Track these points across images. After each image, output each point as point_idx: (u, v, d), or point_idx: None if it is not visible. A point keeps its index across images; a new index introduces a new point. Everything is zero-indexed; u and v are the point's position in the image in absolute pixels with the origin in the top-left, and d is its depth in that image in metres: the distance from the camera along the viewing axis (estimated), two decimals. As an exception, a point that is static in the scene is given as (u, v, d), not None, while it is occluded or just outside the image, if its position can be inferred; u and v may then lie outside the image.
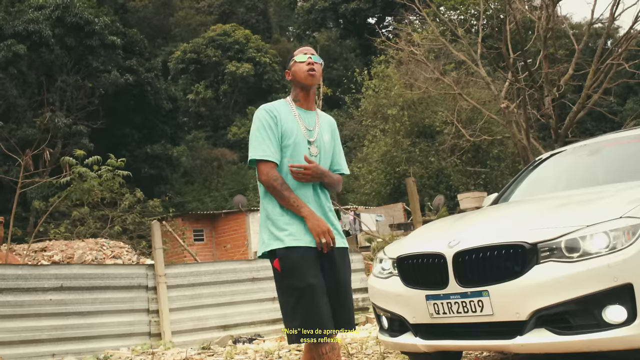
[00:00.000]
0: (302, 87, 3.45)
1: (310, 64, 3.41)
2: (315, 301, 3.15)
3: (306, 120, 3.42)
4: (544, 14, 17.67)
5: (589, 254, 3.38)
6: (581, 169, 5.38)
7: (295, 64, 3.45)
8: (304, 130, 3.37)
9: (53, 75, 28.63)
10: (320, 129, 3.46)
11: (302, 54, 3.47)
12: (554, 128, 17.46)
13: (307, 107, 3.47)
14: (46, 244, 16.68)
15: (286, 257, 3.23)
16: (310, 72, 3.40)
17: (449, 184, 29.44)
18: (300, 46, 3.67)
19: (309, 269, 3.19)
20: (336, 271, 3.33)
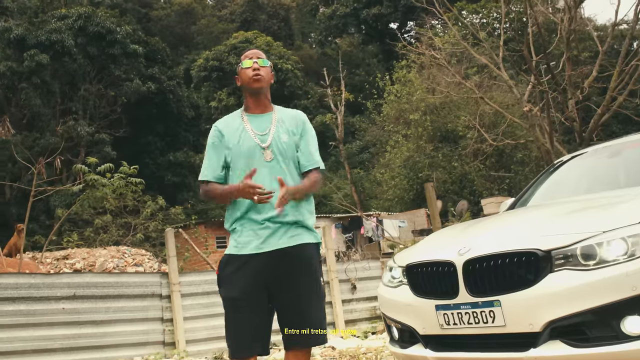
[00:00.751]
0: (250, 93, 3.38)
1: (256, 69, 3.33)
2: (236, 318, 3.09)
3: (258, 126, 3.32)
4: (567, 16, 17.37)
5: (606, 261, 3.19)
6: (602, 172, 5.17)
7: (241, 70, 3.38)
8: (254, 137, 3.27)
9: (76, 84, 28.90)
10: (276, 130, 3.33)
11: (248, 58, 3.39)
12: (579, 131, 17.14)
13: (261, 111, 3.39)
14: (68, 251, 16.75)
15: (224, 265, 3.19)
16: (255, 77, 3.32)
17: (472, 189, 29.13)
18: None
19: (238, 281, 3.09)
20: (291, 282, 3.17)
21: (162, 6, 48.87)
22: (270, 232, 3.17)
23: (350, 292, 9.54)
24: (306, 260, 3.24)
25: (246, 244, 3.15)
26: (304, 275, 3.22)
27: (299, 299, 3.17)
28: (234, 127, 3.33)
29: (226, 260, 3.21)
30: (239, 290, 3.10)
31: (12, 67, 25.46)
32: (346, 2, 47.89)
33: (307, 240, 3.26)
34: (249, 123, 3.33)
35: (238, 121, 3.36)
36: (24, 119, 25.66)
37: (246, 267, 3.12)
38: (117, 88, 29.42)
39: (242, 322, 3.10)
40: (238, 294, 3.11)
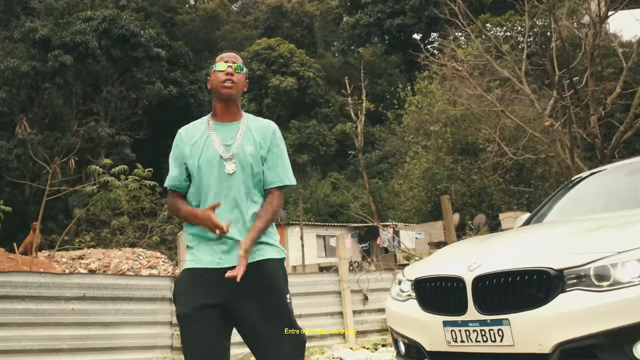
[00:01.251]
0: (219, 98, 3.13)
1: (229, 74, 3.10)
2: (189, 335, 2.88)
3: (224, 135, 3.09)
4: (592, 31, 17.19)
5: (620, 283, 3.09)
6: (620, 190, 5.04)
7: (213, 73, 3.14)
8: (218, 147, 3.05)
9: (98, 85, 29.15)
10: (242, 140, 3.09)
11: (223, 61, 3.15)
12: (600, 148, 16.90)
13: (229, 119, 3.14)
14: (84, 251, 16.84)
15: (179, 281, 3.01)
16: (226, 83, 3.09)
17: (491, 202, 28.91)
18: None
19: (193, 296, 2.89)
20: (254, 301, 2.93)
21: (187, 11, 49.20)
22: (228, 248, 2.96)
23: (361, 303, 9.44)
24: (268, 277, 2.99)
25: (203, 259, 2.97)
26: (268, 294, 2.97)
27: (264, 318, 2.93)
28: (198, 134, 3.12)
29: (182, 275, 3.02)
30: (191, 306, 2.88)
31: (36, 67, 25.71)
32: (370, 11, 47.88)
33: (269, 255, 3.04)
34: (214, 131, 3.10)
35: (203, 128, 3.14)
36: (46, 119, 25.87)
37: (202, 283, 2.92)
38: (139, 91, 29.63)
39: (194, 342, 2.87)
40: (190, 310, 2.88)
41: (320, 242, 31.14)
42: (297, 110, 41.31)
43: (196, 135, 3.11)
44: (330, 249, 30.79)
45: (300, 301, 8.87)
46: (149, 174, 9.81)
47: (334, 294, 9.23)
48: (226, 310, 2.93)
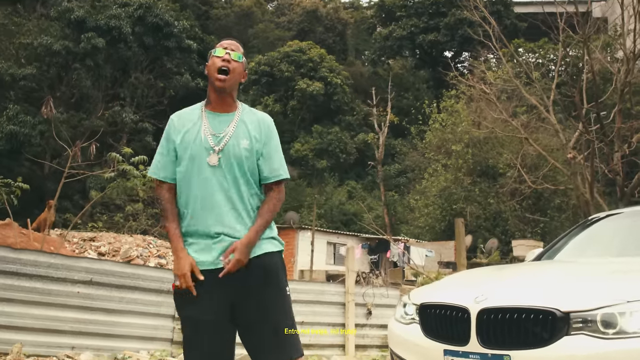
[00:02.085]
0: (213, 88, 3.01)
1: (226, 61, 2.98)
2: (198, 341, 2.83)
3: (215, 126, 2.97)
4: (624, 67, 17.07)
5: (625, 332, 3.06)
6: (636, 236, 4.99)
7: (211, 58, 3.01)
8: (208, 137, 2.93)
9: (127, 71, 29.38)
10: (235, 133, 2.97)
11: (222, 47, 3.02)
12: (621, 186, 16.77)
13: (222, 110, 3.02)
14: (96, 234, 16.94)
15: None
16: (220, 73, 2.96)
17: (505, 228, 28.73)
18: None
19: (201, 298, 2.81)
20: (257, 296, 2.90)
21: (222, 6, 49.48)
22: (227, 246, 2.89)
23: (365, 317, 9.43)
24: (269, 271, 2.95)
25: (201, 259, 2.87)
26: (269, 287, 2.94)
27: (266, 313, 2.90)
28: (189, 121, 3.01)
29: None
30: (201, 309, 2.83)
31: (69, 47, 25.98)
32: (404, 25, 47.88)
33: (268, 249, 2.97)
34: (206, 120, 2.99)
35: (196, 116, 3.03)
36: (72, 98, 26.14)
37: (207, 284, 2.84)
38: (167, 80, 29.82)
39: (204, 346, 2.85)
40: (200, 313, 2.83)
41: (330, 249, 31.12)
42: (321, 116, 41.35)
43: (188, 122, 3.00)
44: (339, 257, 30.76)
45: (304, 309, 8.87)
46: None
47: (339, 305, 9.22)
48: (232, 308, 2.89)
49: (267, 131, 3.08)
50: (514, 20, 46.02)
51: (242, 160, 2.95)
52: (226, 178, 2.92)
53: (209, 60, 3.03)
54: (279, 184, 3.06)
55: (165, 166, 3.00)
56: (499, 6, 44.29)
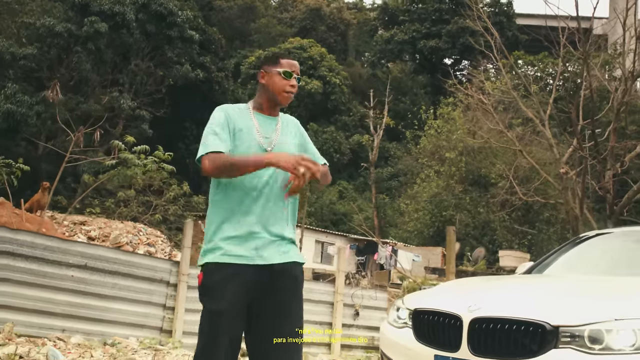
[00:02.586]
0: (270, 99, 3.16)
1: (294, 86, 3.15)
2: (218, 332, 2.87)
3: (265, 128, 3.12)
4: (622, 86, 17.25)
5: (611, 349, 3.18)
6: (624, 256, 5.12)
7: (276, 75, 3.13)
8: (260, 139, 3.07)
9: (128, 57, 29.34)
10: (281, 134, 3.15)
11: (291, 70, 3.16)
12: (611, 203, 16.95)
13: (270, 114, 3.19)
14: (86, 218, 16.95)
15: (210, 273, 2.93)
16: (290, 94, 3.14)
17: (493, 237, 28.94)
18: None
19: (228, 292, 2.87)
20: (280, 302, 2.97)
21: (226, -3, 49.47)
22: (262, 244, 2.95)
23: (352, 318, 9.54)
24: (295, 280, 3.04)
25: (235, 254, 2.92)
26: (295, 297, 3.02)
27: (288, 321, 2.97)
28: (242, 122, 3.10)
29: (213, 268, 2.94)
30: (227, 302, 2.88)
31: (71, 29, 25.94)
32: (406, 29, 48.03)
33: (296, 258, 3.06)
34: (257, 122, 3.13)
35: (247, 117, 3.13)
36: (71, 81, 26.10)
37: (236, 279, 2.89)
38: (167, 69, 29.79)
39: (226, 339, 2.90)
40: (226, 307, 2.88)
41: (318, 247, 31.22)
42: (318, 114, 41.43)
43: (241, 121, 3.10)
44: (326, 256, 30.86)
45: (293, 306, 8.96)
46: (168, 158, 9.89)
47: (327, 304, 9.33)
48: (249, 308, 2.95)
49: (301, 129, 3.32)
50: (515, 32, 46.25)
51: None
52: (277, 175, 3.02)
53: (271, 75, 3.14)
54: (325, 165, 3.24)
55: (226, 140, 3.02)
56: (502, 17, 44.53)
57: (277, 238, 3.01)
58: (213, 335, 2.89)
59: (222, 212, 3.01)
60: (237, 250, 2.92)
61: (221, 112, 3.13)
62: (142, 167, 8.67)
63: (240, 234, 2.95)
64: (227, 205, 3.00)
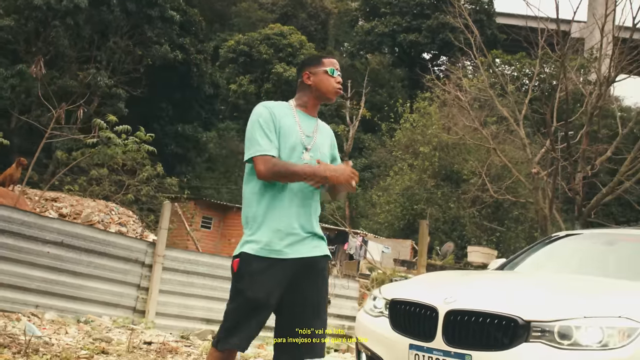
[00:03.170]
0: (318, 97, 3.37)
1: (340, 83, 3.35)
2: (249, 317, 3.05)
3: (306, 127, 3.30)
4: (597, 90, 17.60)
5: (579, 345, 3.34)
6: (593, 257, 5.32)
7: (323, 74, 3.33)
8: (302, 136, 3.25)
9: (107, 35, 28.98)
10: (319, 136, 3.34)
11: (335, 67, 3.36)
12: (579, 205, 17.33)
13: (310, 113, 3.37)
14: (58, 195, 16.81)
15: (247, 262, 3.10)
16: (339, 90, 3.35)
17: (462, 233, 29.28)
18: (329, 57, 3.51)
19: (264, 282, 3.06)
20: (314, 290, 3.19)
21: (207, -21, 49.03)
22: (297, 239, 3.15)
23: (323, 306, 9.65)
24: (323, 273, 3.26)
25: (274, 248, 3.11)
26: (322, 289, 3.24)
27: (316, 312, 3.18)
28: (286, 116, 3.28)
29: (250, 260, 3.11)
30: (264, 292, 3.06)
31: (50, 3, 25.54)
32: (387, 22, 48.10)
33: (326, 252, 3.28)
34: (299, 119, 3.30)
35: (290, 114, 3.29)
36: (47, 55, 25.72)
37: (272, 271, 3.08)
38: (146, 49, 29.47)
39: (254, 323, 3.09)
40: (263, 296, 3.06)
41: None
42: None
43: (286, 119, 3.25)
44: (297, 244, 30.93)
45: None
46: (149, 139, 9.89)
47: (299, 291, 9.42)
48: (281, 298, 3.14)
49: (334, 139, 3.51)
50: (494, 30, 46.57)
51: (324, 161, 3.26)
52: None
53: (318, 75, 3.34)
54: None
55: (274, 142, 3.18)
56: (482, 15, 44.81)
57: (310, 234, 3.22)
58: (243, 319, 3.08)
59: (262, 207, 3.17)
60: (275, 245, 3.11)
61: (266, 110, 3.27)
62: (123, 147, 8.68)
63: (279, 229, 3.13)
64: (267, 200, 3.17)
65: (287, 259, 3.11)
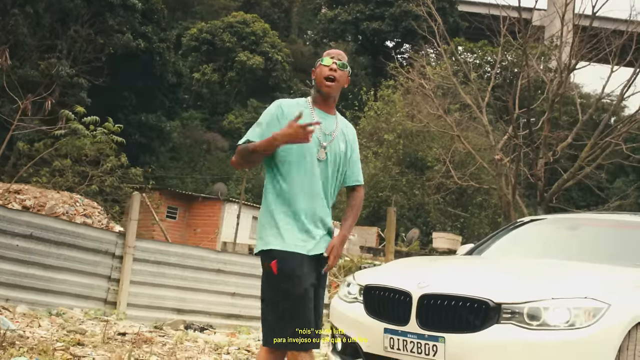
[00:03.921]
0: (318, 91, 3.38)
1: (332, 70, 3.32)
2: (307, 310, 3.15)
3: (324, 124, 3.34)
4: (557, 78, 17.94)
5: (548, 325, 3.50)
6: (557, 241, 5.50)
7: (319, 66, 3.37)
8: (318, 133, 3.28)
9: (67, 23, 28.49)
10: (337, 135, 3.39)
11: (329, 57, 3.38)
12: (541, 190, 17.69)
13: (327, 111, 3.41)
14: (21, 187, 16.56)
15: (285, 260, 3.17)
16: (328, 80, 3.31)
17: (427, 219, 29.64)
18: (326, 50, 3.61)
19: (306, 276, 3.17)
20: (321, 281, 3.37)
21: (168, -33, 48.44)
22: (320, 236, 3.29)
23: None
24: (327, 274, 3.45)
25: (296, 244, 3.21)
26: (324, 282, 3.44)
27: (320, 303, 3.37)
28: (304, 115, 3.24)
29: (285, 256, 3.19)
30: (308, 285, 3.18)
31: (8, -10, 25.09)
32: (350, 10, 48.14)
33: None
34: (317, 117, 3.33)
35: (307, 111, 3.33)
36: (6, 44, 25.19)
37: (305, 266, 3.19)
38: (107, 37, 29.04)
39: (309, 316, 3.19)
40: (308, 288, 3.17)
41: (255, 223, 31.25)
42: (258, 90, 41.20)
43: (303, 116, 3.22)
44: (263, 233, 30.94)
45: (237, 280, 9.16)
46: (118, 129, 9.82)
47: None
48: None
49: (354, 138, 3.54)
50: (457, 18, 46.93)
51: (340, 160, 3.38)
52: (327, 173, 3.32)
53: (317, 68, 3.39)
54: (360, 187, 3.54)
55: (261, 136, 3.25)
56: (445, 3, 45.10)
57: (326, 231, 3.34)
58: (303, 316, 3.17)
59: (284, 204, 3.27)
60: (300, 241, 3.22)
61: (278, 107, 3.36)
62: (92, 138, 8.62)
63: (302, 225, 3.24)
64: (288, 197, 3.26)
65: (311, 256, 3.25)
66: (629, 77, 17.00)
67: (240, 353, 6.38)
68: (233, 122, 39.17)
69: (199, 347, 6.34)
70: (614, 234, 5.26)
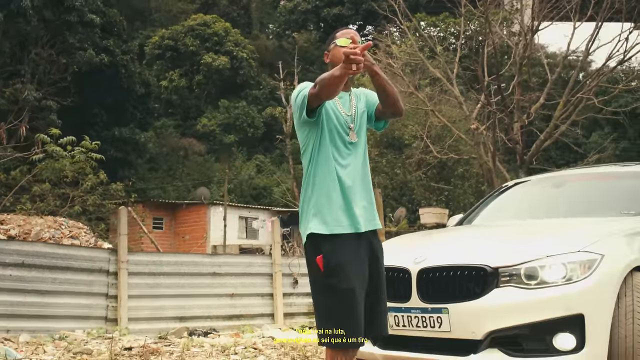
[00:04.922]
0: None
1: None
2: (354, 307, 2.99)
3: (344, 105, 3.29)
4: (522, 41, 18.08)
5: (546, 282, 3.58)
6: (544, 200, 5.59)
7: (335, 48, 3.24)
8: (344, 116, 3.26)
9: (27, 47, 28.17)
10: (357, 107, 3.32)
11: (345, 37, 3.21)
12: (520, 154, 17.84)
13: (344, 90, 3.27)
14: (4, 216, 16.43)
15: (331, 255, 3.05)
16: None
17: (411, 197, 29.76)
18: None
19: (353, 270, 3.03)
20: (376, 262, 3.20)
21: (122, -22, 47.96)
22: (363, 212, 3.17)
23: (291, 287, 9.83)
24: (380, 244, 3.29)
25: (341, 223, 3.11)
26: (382, 257, 3.26)
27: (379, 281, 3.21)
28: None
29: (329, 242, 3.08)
30: (357, 280, 3.04)
31: (-38, 21, 24.71)
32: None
33: (380, 225, 3.32)
34: (338, 100, 3.27)
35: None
36: (-33, 75, 24.94)
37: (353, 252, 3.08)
38: (70, 56, 28.74)
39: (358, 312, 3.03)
40: (356, 286, 3.03)
41: (242, 223, 31.26)
42: (228, 90, 41.07)
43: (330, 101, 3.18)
44: (251, 231, 31.03)
45: (234, 281, 9.19)
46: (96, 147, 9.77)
47: (266, 276, 9.58)
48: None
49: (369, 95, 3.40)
50: (415, -7, 47.00)
51: (364, 131, 3.34)
52: (358, 154, 3.26)
53: (331, 51, 3.30)
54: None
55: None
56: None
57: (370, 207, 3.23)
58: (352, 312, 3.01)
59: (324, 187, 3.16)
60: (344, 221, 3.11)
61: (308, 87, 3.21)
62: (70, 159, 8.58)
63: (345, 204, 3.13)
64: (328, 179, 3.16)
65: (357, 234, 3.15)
66: (592, 31, 17.16)
67: (247, 351, 6.42)
68: (207, 125, 39.03)
69: (206, 352, 6.37)
70: (597, 187, 5.36)
